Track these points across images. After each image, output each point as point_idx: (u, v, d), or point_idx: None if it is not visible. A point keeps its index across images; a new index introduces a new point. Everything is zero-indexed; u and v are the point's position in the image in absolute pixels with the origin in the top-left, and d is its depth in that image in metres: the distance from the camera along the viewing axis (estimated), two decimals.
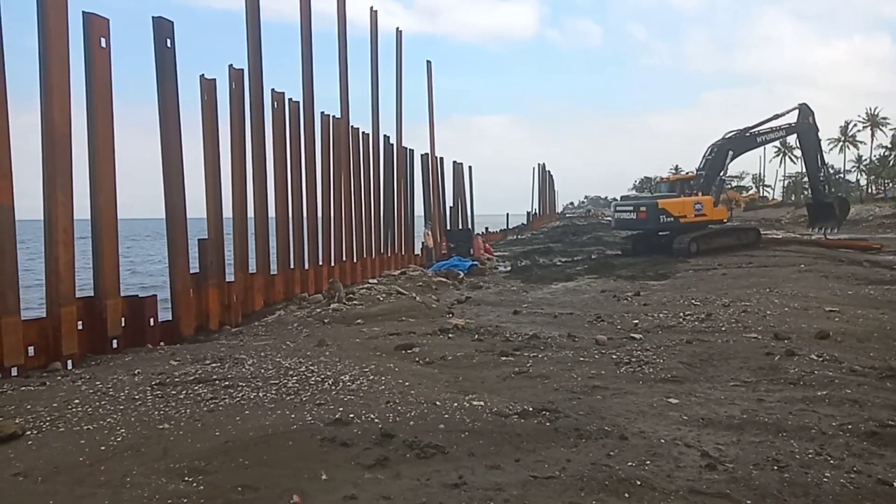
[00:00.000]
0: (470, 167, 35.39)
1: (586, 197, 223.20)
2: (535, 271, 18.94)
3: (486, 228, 42.96)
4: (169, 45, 9.49)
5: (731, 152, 22.85)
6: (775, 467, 3.81)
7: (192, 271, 10.00)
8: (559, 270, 19.09)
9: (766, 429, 4.49)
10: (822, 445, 4.16)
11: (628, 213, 23.19)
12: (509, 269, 20.69)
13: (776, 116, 22.56)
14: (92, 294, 8.19)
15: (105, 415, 4.98)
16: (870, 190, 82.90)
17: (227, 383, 5.78)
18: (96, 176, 8.18)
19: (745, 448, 4.13)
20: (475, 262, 20.14)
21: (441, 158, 27.79)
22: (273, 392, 5.50)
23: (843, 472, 3.75)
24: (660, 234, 23.11)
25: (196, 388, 5.67)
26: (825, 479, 3.64)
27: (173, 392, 5.55)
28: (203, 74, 10.89)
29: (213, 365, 6.56)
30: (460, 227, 30.59)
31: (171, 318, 9.56)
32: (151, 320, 8.81)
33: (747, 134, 22.98)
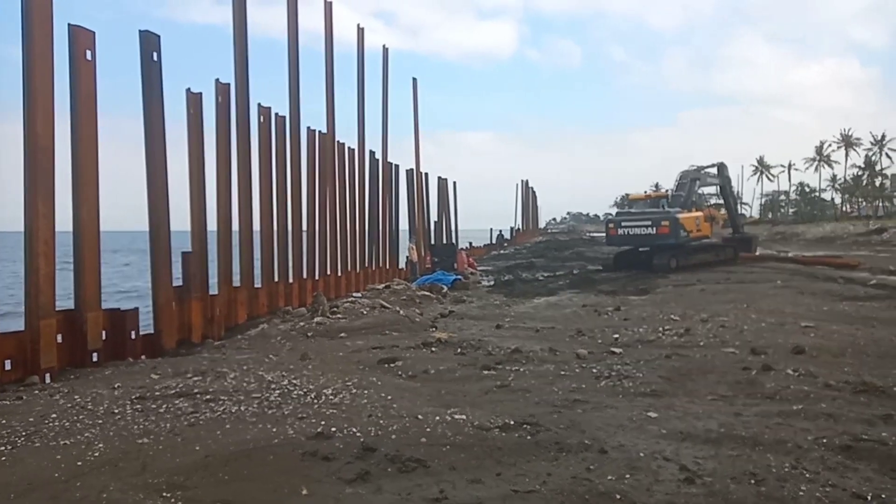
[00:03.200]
0: (454, 183, 35.70)
1: (568, 213, 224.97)
2: (518, 286, 19.02)
3: (470, 243, 43.11)
4: (155, 58, 9.50)
5: (696, 182, 25.04)
6: (752, 481, 3.86)
7: (175, 284, 9.94)
8: (541, 285, 19.19)
9: (744, 443, 4.54)
10: (797, 459, 4.22)
11: (644, 227, 22.41)
12: (492, 283, 20.75)
13: (704, 166, 26.24)
14: (72, 307, 8.11)
15: (83, 429, 4.92)
16: (844, 208, 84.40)
17: (208, 397, 5.74)
18: (79, 188, 8.14)
19: (722, 462, 4.19)
20: (459, 277, 20.15)
21: (426, 174, 27.97)
22: (255, 406, 5.47)
23: (819, 485, 3.80)
24: (640, 249, 23.36)
25: (177, 401, 5.63)
26: (801, 493, 3.69)
27: (153, 406, 5.51)
28: (189, 88, 10.91)
29: (195, 378, 6.51)
30: (444, 241, 30.66)
31: (153, 332, 9.48)
32: (133, 333, 8.73)
33: (701, 172, 25.70)
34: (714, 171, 26.09)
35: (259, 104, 13.31)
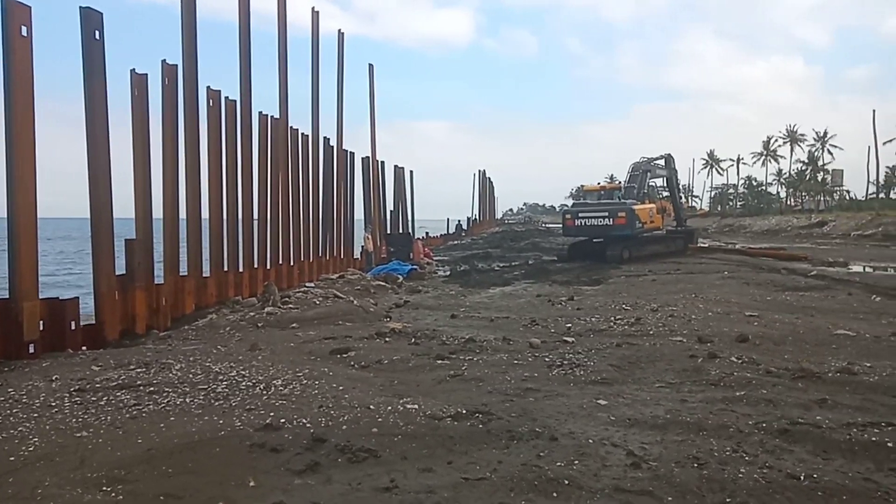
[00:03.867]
0: (411, 171, 35.46)
1: (525, 204, 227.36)
2: (474, 276, 19.09)
3: (427, 233, 43.09)
4: (98, 37, 9.09)
5: (648, 173, 25.36)
6: (695, 465, 3.97)
7: (118, 273, 9.59)
8: (497, 275, 19.31)
9: (688, 428, 4.67)
10: (738, 443, 4.36)
11: (600, 218, 22.69)
12: (448, 273, 20.77)
13: (653, 158, 26.66)
14: (6, 296, 7.74)
15: (17, 423, 4.71)
16: (789, 202, 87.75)
17: (151, 389, 5.57)
18: (14, 172, 7.74)
19: (668, 447, 4.29)
20: (415, 267, 20.11)
21: (382, 162, 27.70)
22: (201, 398, 5.33)
23: (757, 467, 3.94)
24: (594, 240, 23.76)
25: (118, 394, 5.44)
26: (740, 475, 3.82)
27: (93, 399, 5.31)
28: (134, 69, 10.50)
29: (138, 370, 6.31)
30: (400, 231, 30.53)
31: (94, 322, 9.13)
32: (73, 324, 8.38)
33: (651, 163, 26.06)
34: (662, 162, 26.77)
35: (208, 87, 12.92)
